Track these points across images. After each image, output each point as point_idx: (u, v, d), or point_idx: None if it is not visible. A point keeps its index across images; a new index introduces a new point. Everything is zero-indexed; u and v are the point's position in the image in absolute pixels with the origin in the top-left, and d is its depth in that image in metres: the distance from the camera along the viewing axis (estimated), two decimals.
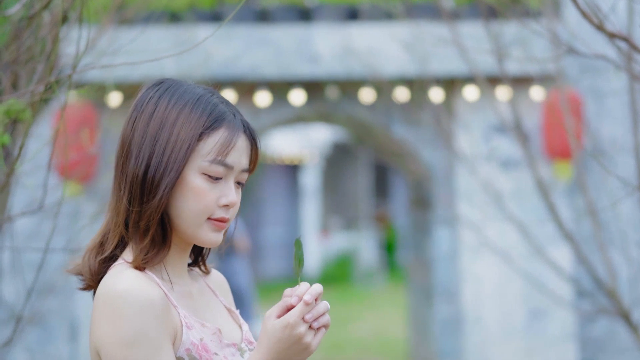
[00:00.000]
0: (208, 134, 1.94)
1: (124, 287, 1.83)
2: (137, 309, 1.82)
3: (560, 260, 7.01)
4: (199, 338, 1.91)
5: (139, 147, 1.95)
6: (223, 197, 1.95)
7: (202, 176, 1.94)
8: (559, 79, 5.37)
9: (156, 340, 1.82)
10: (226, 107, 1.98)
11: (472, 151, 7.36)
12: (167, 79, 2.02)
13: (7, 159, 3.12)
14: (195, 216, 1.94)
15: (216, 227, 1.96)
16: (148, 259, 1.92)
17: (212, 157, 1.93)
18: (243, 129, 1.98)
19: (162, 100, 1.97)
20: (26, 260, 6.38)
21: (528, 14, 6.00)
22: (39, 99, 2.75)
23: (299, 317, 1.84)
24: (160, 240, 1.94)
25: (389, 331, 12.56)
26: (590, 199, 4.97)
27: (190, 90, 1.98)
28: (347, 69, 7.26)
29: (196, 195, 1.93)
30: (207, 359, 1.90)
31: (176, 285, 1.98)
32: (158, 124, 1.95)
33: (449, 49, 6.48)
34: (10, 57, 3.12)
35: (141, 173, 1.93)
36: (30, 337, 7.20)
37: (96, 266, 1.96)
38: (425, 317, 8.27)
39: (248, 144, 1.99)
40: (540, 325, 7.38)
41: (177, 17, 7.21)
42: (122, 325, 1.81)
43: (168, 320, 1.86)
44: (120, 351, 1.81)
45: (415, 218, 8.90)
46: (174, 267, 1.99)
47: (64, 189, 2.84)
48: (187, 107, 1.95)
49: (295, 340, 1.84)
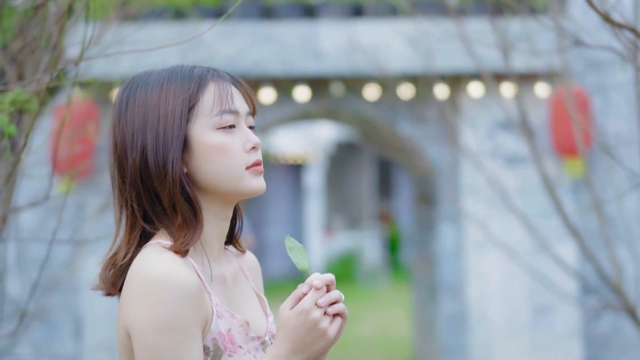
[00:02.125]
0: (201, 94, 1.93)
1: (162, 271, 1.81)
2: (174, 295, 1.79)
3: (566, 256, 6.99)
4: (227, 329, 1.89)
5: (131, 142, 1.92)
6: (247, 142, 1.94)
7: (217, 132, 1.92)
8: (564, 74, 5.36)
9: (189, 328, 1.80)
10: (202, 68, 1.98)
11: (477, 147, 7.35)
12: (134, 76, 2.01)
13: (12, 149, 3.12)
14: (232, 170, 1.92)
15: (257, 172, 1.94)
16: (187, 240, 1.89)
17: (218, 109, 1.93)
18: (229, 78, 1.98)
19: (138, 92, 1.96)
20: (30, 256, 6.38)
21: (533, 10, 6.00)
22: (44, 88, 2.74)
23: (312, 302, 1.83)
24: (191, 218, 1.91)
25: (393, 330, 12.55)
26: (596, 194, 4.96)
27: (160, 72, 1.98)
28: (352, 65, 7.25)
29: (222, 150, 1.92)
30: (231, 350, 1.88)
31: (213, 269, 1.95)
32: (142, 112, 1.93)
33: (454, 45, 6.48)
34: (16, 47, 3.12)
35: (141, 160, 1.91)
36: (35, 333, 7.20)
37: (111, 279, 1.94)
38: (430, 314, 8.26)
39: (238, 90, 1.98)
40: (545, 322, 7.37)
41: (181, 14, 7.21)
42: (157, 311, 1.79)
43: (202, 308, 1.84)
44: (152, 336, 1.79)
45: (419, 215, 8.89)
46: (212, 249, 1.96)
47: (65, 184, 2.84)
48: (165, 85, 1.94)
49: (311, 326, 1.83)
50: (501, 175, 7.27)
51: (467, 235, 7.44)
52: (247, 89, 2.01)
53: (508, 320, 7.39)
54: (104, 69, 6.39)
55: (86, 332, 7.29)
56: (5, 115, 2.73)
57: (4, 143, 2.80)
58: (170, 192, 1.90)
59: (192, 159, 1.92)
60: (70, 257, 6.77)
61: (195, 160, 1.92)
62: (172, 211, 1.91)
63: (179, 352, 1.79)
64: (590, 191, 4.98)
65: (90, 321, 7.29)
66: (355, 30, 7.28)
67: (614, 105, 7.43)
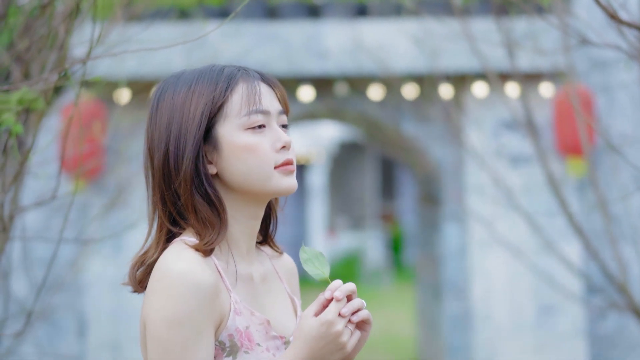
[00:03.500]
0: (230, 94, 1.94)
1: (180, 268, 1.84)
2: (187, 292, 1.82)
3: (571, 255, 6.99)
4: (245, 326, 1.90)
5: (157, 143, 1.95)
6: (277, 142, 1.95)
7: (246, 132, 1.93)
8: (569, 74, 5.36)
9: (199, 325, 1.83)
10: (233, 67, 1.98)
11: (481, 147, 7.34)
12: (168, 76, 2.02)
13: (19, 148, 3.12)
14: (261, 170, 1.93)
15: (287, 171, 1.95)
16: (211, 240, 1.91)
17: (247, 110, 1.93)
18: (259, 77, 1.99)
19: (167, 94, 1.97)
20: (35, 256, 6.38)
21: (540, 9, 5.99)
22: (52, 87, 2.74)
23: (335, 314, 1.84)
24: (213, 218, 1.93)
25: (397, 330, 12.54)
26: (601, 193, 4.95)
27: (190, 72, 1.98)
28: (357, 65, 7.25)
29: (251, 150, 1.92)
30: (247, 347, 1.89)
31: (239, 267, 1.97)
32: (168, 114, 1.95)
33: (459, 45, 6.47)
34: (23, 46, 3.12)
35: (163, 162, 1.94)
36: (39, 333, 7.20)
37: (140, 276, 1.98)
38: (435, 314, 8.25)
39: (270, 89, 1.99)
40: (550, 322, 7.36)
41: (186, 15, 7.20)
42: (170, 306, 1.82)
43: (216, 306, 1.86)
44: (162, 329, 1.83)
45: (424, 214, 8.88)
46: (239, 247, 1.98)
47: (74, 183, 2.84)
48: (192, 86, 1.95)
49: (332, 338, 1.84)
50: (506, 175, 7.27)
51: (471, 234, 7.44)
52: (280, 88, 2.01)
53: (513, 320, 7.39)
54: (108, 69, 6.39)
55: (90, 332, 7.29)
56: (12, 114, 2.73)
57: (11, 142, 2.80)
58: (185, 192, 1.92)
59: (221, 159, 1.94)
60: (74, 257, 6.77)
61: (224, 160, 1.94)
62: (191, 211, 1.93)
63: (187, 347, 1.82)
64: (595, 190, 4.97)
65: (94, 321, 7.29)
66: (360, 29, 7.28)
67: (619, 105, 7.42)
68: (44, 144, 5.66)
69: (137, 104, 7.16)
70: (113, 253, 7.25)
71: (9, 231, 2.91)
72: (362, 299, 1.88)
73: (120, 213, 6.92)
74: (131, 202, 6.81)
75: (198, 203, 1.92)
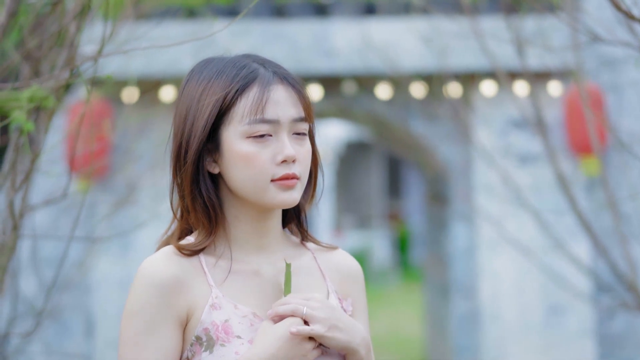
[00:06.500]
0: (239, 98, 1.90)
1: (144, 265, 1.90)
2: (143, 285, 1.88)
3: (580, 254, 6.97)
4: (223, 319, 1.89)
5: (175, 132, 1.95)
6: (278, 154, 1.89)
7: (247, 140, 1.89)
8: (579, 72, 5.34)
9: (152, 318, 1.87)
10: (258, 65, 1.94)
11: (490, 146, 7.33)
12: (196, 64, 2.00)
13: (30, 147, 3.11)
14: (255, 181, 1.90)
15: (284, 186, 1.90)
16: (199, 244, 1.93)
17: (250, 118, 1.89)
18: (279, 80, 1.93)
19: (190, 83, 1.96)
20: (43, 256, 6.38)
21: (551, 6, 5.98)
22: (62, 85, 2.74)
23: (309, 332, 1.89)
24: (205, 222, 1.93)
25: (404, 329, 12.53)
26: (611, 192, 4.93)
27: (215, 64, 1.96)
28: (365, 63, 7.24)
29: (247, 160, 1.89)
30: (224, 340, 1.88)
31: (238, 264, 1.95)
32: (186, 105, 1.94)
33: (468, 44, 6.46)
34: (33, 44, 3.11)
35: (177, 151, 1.94)
36: (46, 332, 7.20)
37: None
38: (442, 314, 8.24)
39: (291, 94, 1.94)
40: (559, 321, 7.34)
41: (194, 13, 7.20)
42: (129, 299, 1.89)
43: (178, 301, 1.88)
44: (123, 320, 1.90)
45: (432, 213, 8.87)
46: (242, 245, 1.96)
47: (82, 183, 2.83)
48: (212, 79, 1.92)
49: (300, 353, 1.89)
50: (514, 174, 7.25)
51: (479, 234, 7.42)
52: (303, 94, 1.95)
53: (521, 319, 7.37)
54: (116, 68, 6.39)
55: (97, 331, 7.29)
56: (23, 112, 2.72)
57: (22, 140, 2.79)
58: (185, 189, 1.93)
59: (223, 161, 1.93)
60: (82, 256, 6.77)
61: (225, 164, 1.92)
62: (190, 210, 1.93)
63: (138, 338, 1.87)
64: (605, 189, 4.96)
65: (102, 320, 7.29)
66: (368, 28, 7.26)
67: (629, 103, 7.40)
68: (52, 142, 5.66)
69: (145, 102, 7.16)
70: (121, 252, 7.25)
71: (19, 230, 2.91)
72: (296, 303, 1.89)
73: (128, 212, 6.92)
74: (139, 202, 6.81)
75: (195, 202, 1.93)
